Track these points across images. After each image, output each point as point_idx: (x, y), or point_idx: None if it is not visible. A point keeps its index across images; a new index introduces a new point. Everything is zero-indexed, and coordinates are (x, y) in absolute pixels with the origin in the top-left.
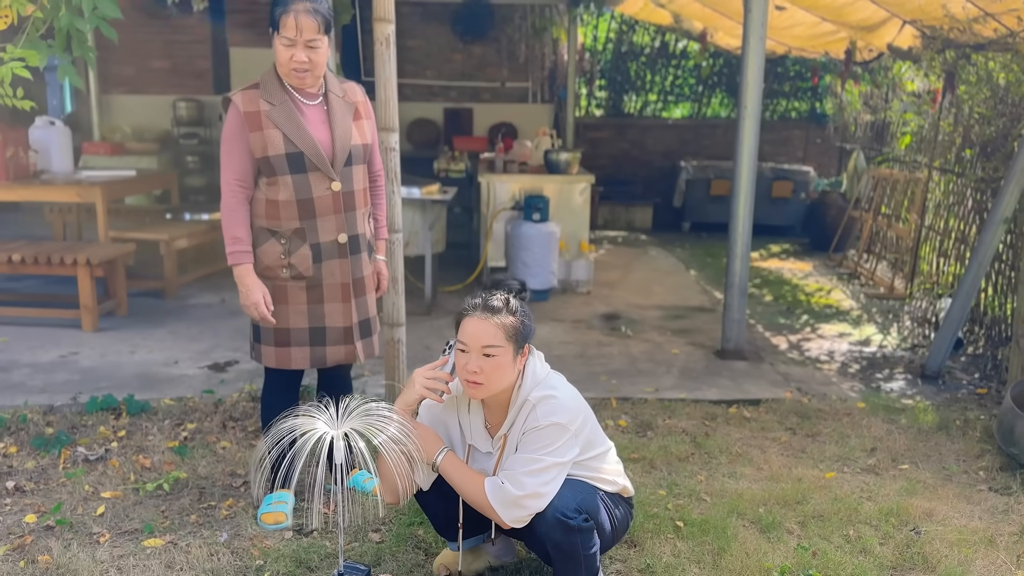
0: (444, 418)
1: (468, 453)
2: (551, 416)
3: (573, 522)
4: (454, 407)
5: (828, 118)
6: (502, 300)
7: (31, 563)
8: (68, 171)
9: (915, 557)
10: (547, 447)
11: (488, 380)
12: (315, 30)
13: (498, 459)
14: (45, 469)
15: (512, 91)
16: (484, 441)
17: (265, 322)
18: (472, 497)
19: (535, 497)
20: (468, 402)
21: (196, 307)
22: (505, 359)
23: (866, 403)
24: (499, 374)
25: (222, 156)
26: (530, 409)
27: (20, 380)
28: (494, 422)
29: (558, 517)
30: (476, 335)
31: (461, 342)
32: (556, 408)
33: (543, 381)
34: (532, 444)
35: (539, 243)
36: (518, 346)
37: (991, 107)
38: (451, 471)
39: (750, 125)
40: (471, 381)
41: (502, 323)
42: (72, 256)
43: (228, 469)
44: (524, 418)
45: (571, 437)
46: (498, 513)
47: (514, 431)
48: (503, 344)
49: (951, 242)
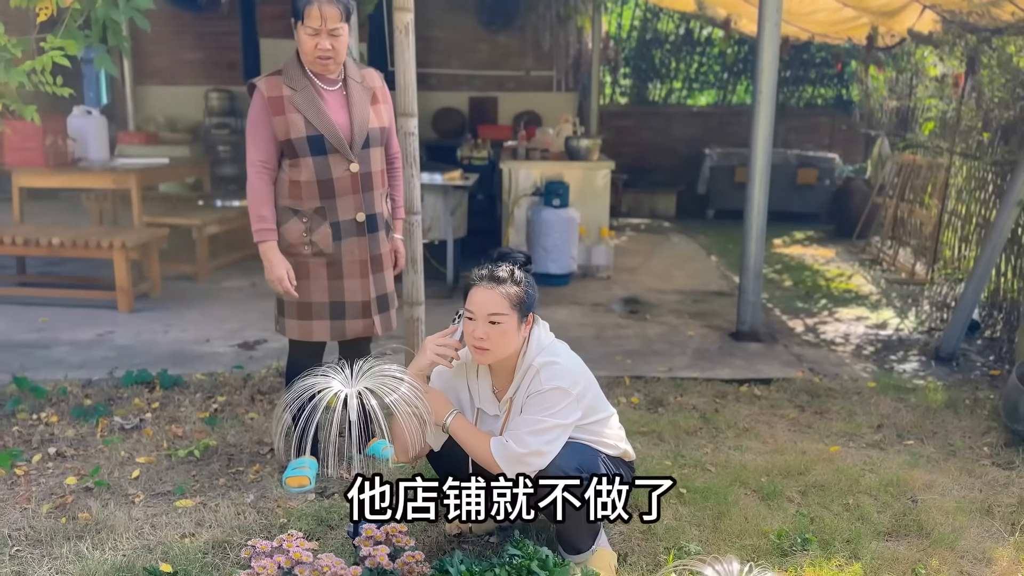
0: (454, 384)
1: (477, 416)
2: (553, 380)
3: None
4: (463, 374)
5: (854, 105)
6: (507, 271)
7: (72, 519)
8: (104, 159)
9: (910, 524)
10: (549, 409)
11: (494, 346)
12: (338, 18)
13: (504, 421)
14: (84, 437)
15: (537, 80)
16: (491, 405)
17: (288, 296)
18: (479, 455)
19: (537, 455)
20: (476, 369)
21: (227, 290)
22: (510, 326)
23: (877, 383)
24: (504, 340)
25: (247, 139)
26: (534, 374)
27: (60, 356)
28: (501, 387)
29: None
30: (482, 303)
31: (468, 310)
32: (558, 373)
33: (547, 348)
34: (535, 407)
35: (559, 228)
36: (522, 314)
37: (1010, 91)
38: (460, 431)
39: (765, 111)
40: (478, 347)
41: (507, 292)
42: (109, 240)
43: (255, 438)
44: (528, 382)
45: (572, 401)
46: (503, 469)
47: (519, 395)
48: (508, 312)
49: (972, 227)
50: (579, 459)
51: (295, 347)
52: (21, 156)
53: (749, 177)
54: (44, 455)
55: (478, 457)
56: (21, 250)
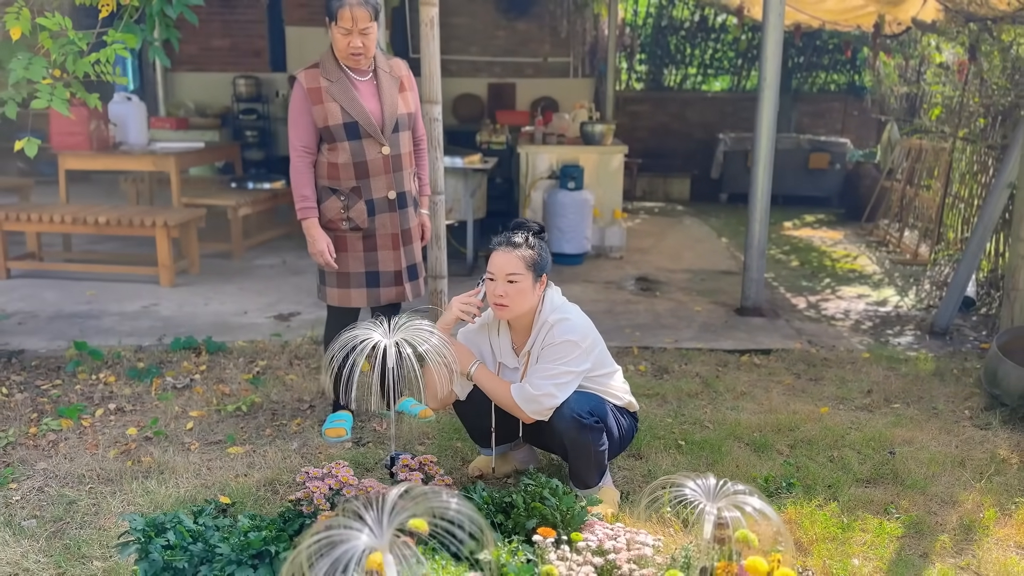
0: (477, 341)
1: (499, 369)
2: (565, 335)
3: (586, 421)
4: (486, 331)
5: (867, 91)
6: (523, 237)
7: (137, 462)
8: (143, 143)
9: (886, 472)
10: (561, 359)
11: (512, 302)
12: (367, 19)
13: (523, 372)
14: (140, 395)
15: (554, 66)
16: (511, 358)
17: (329, 267)
18: (500, 399)
19: (549, 396)
20: (498, 327)
21: (260, 267)
22: (525, 285)
23: (871, 354)
24: (521, 298)
25: (290, 126)
26: (548, 329)
27: (110, 326)
28: (519, 342)
29: (573, 416)
30: (501, 265)
31: (489, 272)
32: (569, 328)
33: (559, 307)
34: (549, 357)
35: (574, 210)
36: (536, 274)
37: (1008, 78)
38: (483, 379)
39: (769, 96)
40: (498, 304)
41: (522, 255)
42: (151, 219)
43: (296, 396)
44: (544, 336)
45: (582, 353)
46: (521, 408)
47: (535, 347)
48: (523, 272)
49: (973, 210)
50: (591, 404)
51: (333, 313)
52: (67, 140)
53: (754, 160)
54: (105, 410)
55: (500, 401)
56: (70, 228)
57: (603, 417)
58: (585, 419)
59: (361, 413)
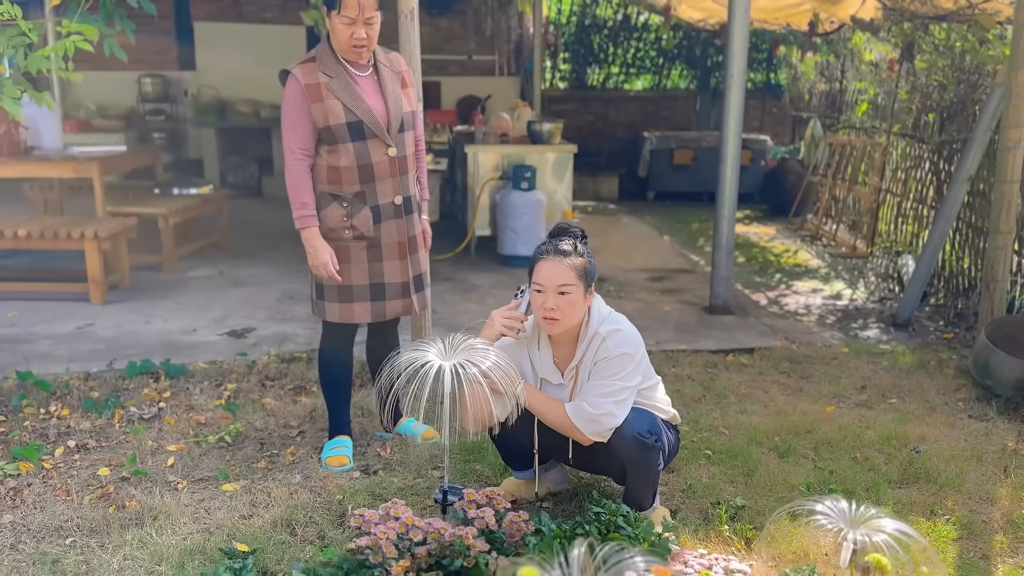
0: (516, 355)
1: (540, 386)
2: (620, 347)
3: (648, 440)
4: (524, 345)
5: (783, 88)
6: (571, 244)
7: (121, 508)
8: (59, 147)
9: (918, 472)
10: (617, 374)
11: (564, 315)
12: (374, 7)
13: (572, 388)
14: (102, 428)
15: (479, 64)
16: (554, 374)
17: (332, 281)
18: (554, 419)
19: (610, 416)
20: (538, 340)
21: (196, 279)
22: (577, 296)
23: (849, 348)
24: (572, 310)
25: (284, 126)
26: (600, 341)
27: (46, 350)
28: (562, 357)
29: (635, 436)
30: (552, 276)
31: (537, 283)
32: (623, 340)
33: (608, 318)
34: (604, 372)
35: (528, 211)
36: (587, 284)
37: (948, 75)
38: (533, 399)
39: (736, 94)
40: (548, 318)
41: (573, 264)
42: (80, 231)
43: (281, 422)
44: (596, 349)
45: (635, 366)
46: (580, 430)
47: (585, 362)
48: (575, 282)
49: (909, 203)
50: (649, 422)
51: (331, 329)
52: None
53: (720, 158)
54: (66, 448)
55: (553, 421)
56: None
57: (659, 435)
58: (647, 439)
59: (357, 437)
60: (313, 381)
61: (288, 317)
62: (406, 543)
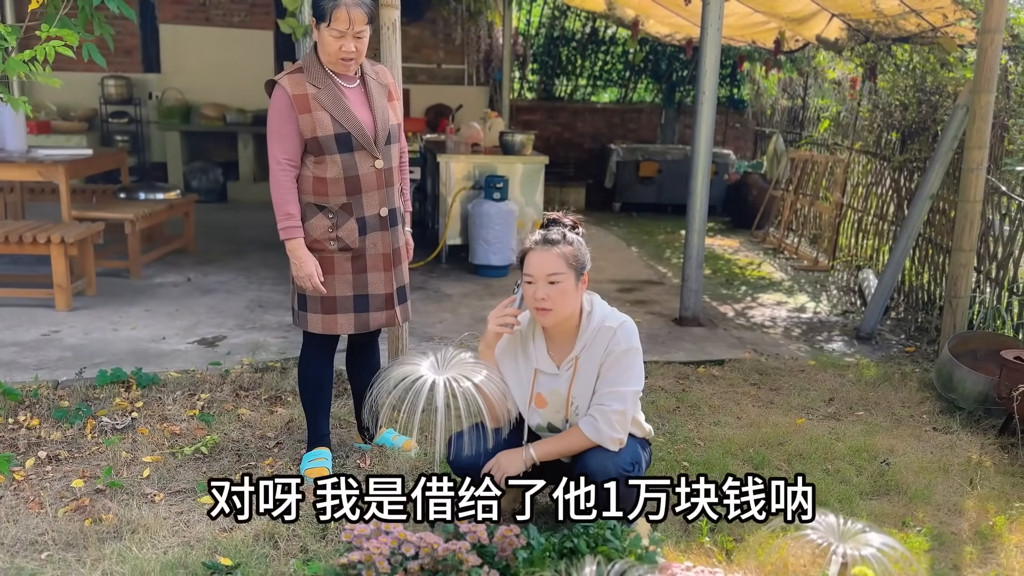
0: (512, 348)
1: (535, 377)
2: (631, 340)
3: (632, 473)
4: (518, 340)
5: (746, 104)
6: (559, 233)
7: (97, 521)
8: (22, 149)
9: (888, 484)
10: (626, 372)
11: (555, 305)
12: (363, 21)
13: (571, 380)
14: (74, 439)
15: (448, 73)
16: (549, 365)
17: (317, 292)
18: (577, 448)
19: (623, 426)
20: (532, 334)
21: (163, 286)
22: (568, 285)
23: (816, 361)
24: (564, 299)
25: (270, 136)
26: (611, 334)
27: (11, 358)
28: (558, 349)
29: (622, 472)
30: (540, 265)
31: (527, 275)
32: (631, 333)
33: (611, 313)
34: (614, 370)
35: (500, 221)
36: (578, 273)
37: (910, 95)
38: (549, 451)
39: (707, 109)
40: (540, 308)
41: (562, 252)
42: (46, 235)
43: (258, 432)
44: (605, 342)
45: (641, 363)
46: (603, 444)
47: (590, 354)
48: (565, 271)
49: (870, 218)
50: (632, 454)
51: (312, 340)
52: None
53: (692, 172)
54: (37, 459)
55: (576, 452)
56: None
57: (639, 463)
58: (631, 472)
59: (335, 448)
60: (288, 391)
61: (259, 325)
62: (399, 558)
